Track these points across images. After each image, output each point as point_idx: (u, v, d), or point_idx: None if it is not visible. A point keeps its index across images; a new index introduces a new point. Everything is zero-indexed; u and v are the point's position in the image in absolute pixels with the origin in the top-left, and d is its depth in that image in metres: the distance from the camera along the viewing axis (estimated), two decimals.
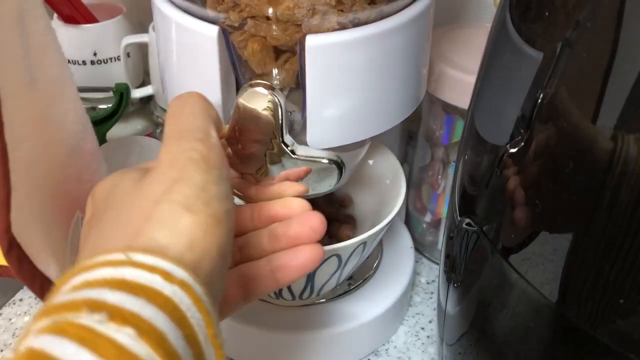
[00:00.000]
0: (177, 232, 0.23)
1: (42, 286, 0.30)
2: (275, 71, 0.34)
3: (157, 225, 0.23)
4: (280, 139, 0.34)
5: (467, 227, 0.33)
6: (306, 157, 0.35)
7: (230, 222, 0.25)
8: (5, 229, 0.26)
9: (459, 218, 0.34)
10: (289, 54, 0.34)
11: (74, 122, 0.31)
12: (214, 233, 0.24)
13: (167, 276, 0.21)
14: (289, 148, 0.34)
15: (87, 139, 0.33)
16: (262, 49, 0.33)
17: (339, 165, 0.36)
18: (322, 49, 0.32)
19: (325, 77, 0.33)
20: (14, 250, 0.27)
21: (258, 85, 0.33)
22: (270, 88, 0.33)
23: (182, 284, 0.21)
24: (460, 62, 0.48)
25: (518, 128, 0.28)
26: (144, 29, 0.65)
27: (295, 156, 0.35)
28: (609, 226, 0.24)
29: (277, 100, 0.33)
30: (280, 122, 0.33)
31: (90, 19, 0.63)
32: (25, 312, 0.52)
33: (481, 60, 0.33)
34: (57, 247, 0.31)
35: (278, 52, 0.34)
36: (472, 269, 0.35)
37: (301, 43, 0.32)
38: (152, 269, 0.21)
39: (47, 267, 0.30)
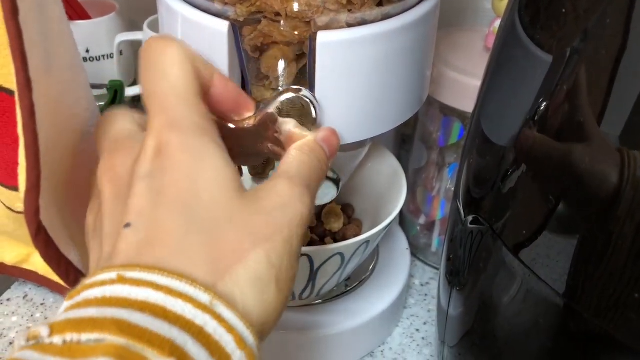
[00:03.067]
0: (262, 306, 0.22)
1: (67, 270, 0.30)
2: (281, 70, 0.34)
3: (248, 278, 0.22)
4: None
5: (473, 226, 0.34)
6: None
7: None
8: (35, 212, 0.26)
9: (464, 218, 0.35)
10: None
11: (86, 109, 0.31)
12: (281, 312, 0.23)
13: (239, 341, 0.20)
14: None
15: None
16: (282, 58, 0.33)
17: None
18: (334, 46, 0.32)
19: (334, 74, 0.33)
20: (42, 234, 0.27)
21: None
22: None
23: (249, 354, 0.21)
24: (458, 65, 0.48)
25: (526, 131, 0.29)
26: (136, 27, 0.65)
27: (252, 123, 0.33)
28: (622, 220, 0.24)
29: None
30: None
31: (83, 15, 0.62)
32: (13, 312, 0.51)
33: (488, 62, 0.34)
34: (74, 232, 0.30)
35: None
36: (477, 269, 0.35)
37: (312, 40, 0.32)
38: (230, 328, 0.20)
39: (69, 252, 0.29)
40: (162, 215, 0.22)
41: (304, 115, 0.32)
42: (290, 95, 0.31)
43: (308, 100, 0.31)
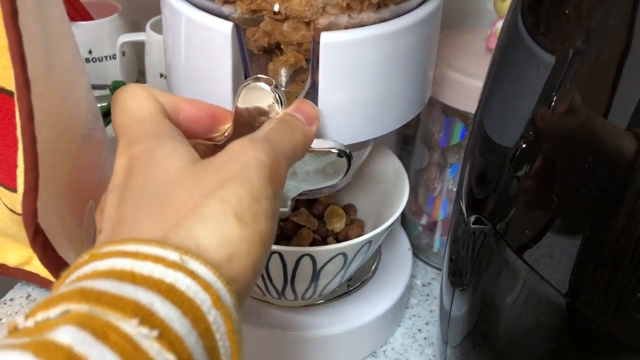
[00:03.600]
0: (221, 238, 0.22)
1: None
2: (284, 75, 0.34)
3: (200, 222, 0.22)
4: None
5: (476, 226, 0.34)
6: (311, 149, 0.34)
7: (271, 243, 0.24)
8: (32, 215, 0.26)
9: (467, 218, 0.35)
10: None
11: (86, 111, 0.31)
12: (255, 252, 0.23)
13: (216, 300, 0.20)
14: None
15: (98, 129, 0.32)
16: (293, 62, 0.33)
17: (348, 156, 0.35)
18: (337, 47, 0.32)
19: (337, 75, 0.33)
20: (39, 236, 0.27)
21: (259, 80, 0.32)
22: (271, 83, 0.33)
23: (225, 312, 0.20)
24: (460, 65, 0.48)
25: (529, 130, 0.29)
26: (138, 28, 0.65)
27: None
28: (626, 219, 0.24)
29: (278, 97, 0.32)
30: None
31: (85, 16, 0.62)
32: (16, 312, 0.51)
33: (490, 63, 0.34)
34: (72, 235, 0.30)
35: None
36: (479, 269, 0.35)
37: (315, 40, 0.32)
38: (207, 286, 0.20)
39: (68, 254, 0.29)
40: (122, 208, 0.24)
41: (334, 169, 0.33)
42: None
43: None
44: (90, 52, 0.62)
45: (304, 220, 0.46)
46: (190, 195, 0.23)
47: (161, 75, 0.60)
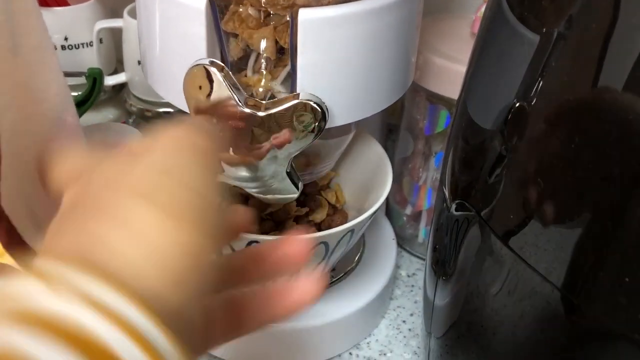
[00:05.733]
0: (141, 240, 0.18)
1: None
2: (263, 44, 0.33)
3: (112, 223, 0.18)
4: (240, 107, 0.32)
5: (459, 213, 0.33)
6: (279, 110, 0.32)
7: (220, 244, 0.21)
8: None
9: (450, 204, 0.34)
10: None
11: (56, 93, 0.30)
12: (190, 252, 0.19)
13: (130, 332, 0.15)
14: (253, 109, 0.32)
15: (69, 112, 0.31)
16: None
17: (320, 107, 0.33)
18: (316, 24, 0.30)
19: (316, 54, 0.32)
20: (3, 222, 0.26)
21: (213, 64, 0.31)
22: (221, 69, 0.31)
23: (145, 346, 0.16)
24: (445, 51, 0.48)
25: (514, 111, 0.28)
26: (116, 15, 0.63)
27: (264, 113, 0.32)
28: (614, 203, 0.23)
29: (214, 72, 0.31)
30: (230, 92, 0.31)
31: (61, 2, 0.61)
32: None
33: (474, 44, 0.33)
34: (42, 223, 0.29)
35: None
36: (463, 258, 0.34)
37: (293, 17, 0.30)
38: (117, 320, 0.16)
39: (35, 243, 0.28)
40: None
41: (307, 119, 0.31)
42: (294, 102, 0.30)
43: (314, 104, 0.30)
44: (66, 38, 0.61)
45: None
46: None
47: (139, 63, 0.58)
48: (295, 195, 0.37)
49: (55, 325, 0.15)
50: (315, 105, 0.31)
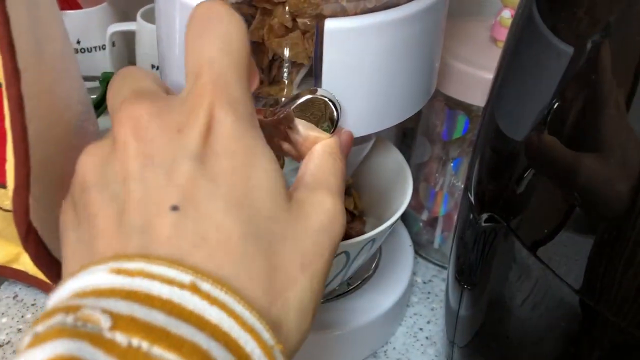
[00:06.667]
0: (300, 331, 0.20)
1: (59, 274, 0.28)
2: (286, 52, 0.32)
3: (294, 306, 0.20)
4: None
5: (487, 224, 0.32)
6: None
7: None
8: (24, 212, 0.24)
9: (477, 215, 0.33)
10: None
11: (78, 101, 0.29)
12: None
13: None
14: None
15: (90, 120, 0.31)
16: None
17: (333, 103, 0.32)
18: (342, 34, 0.30)
19: (342, 64, 0.31)
20: (32, 234, 0.25)
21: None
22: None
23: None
24: (464, 56, 0.47)
25: (545, 123, 0.27)
26: (128, 18, 0.63)
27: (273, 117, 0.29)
28: None
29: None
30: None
31: (73, 5, 0.60)
32: (2, 313, 0.49)
33: (501, 54, 0.32)
34: None
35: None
36: (490, 268, 0.33)
37: (319, 28, 0.30)
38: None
39: (60, 255, 0.28)
40: (216, 210, 0.19)
41: (320, 117, 0.30)
42: (308, 96, 0.28)
43: (328, 101, 0.29)
44: (78, 42, 0.60)
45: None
46: (293, 264, 0.20)
47: (153, 67, 0.58)
48: None
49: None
50: (320, 97, 0.30)
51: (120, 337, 0.15)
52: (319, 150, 0.25)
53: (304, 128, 0.27)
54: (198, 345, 0.16)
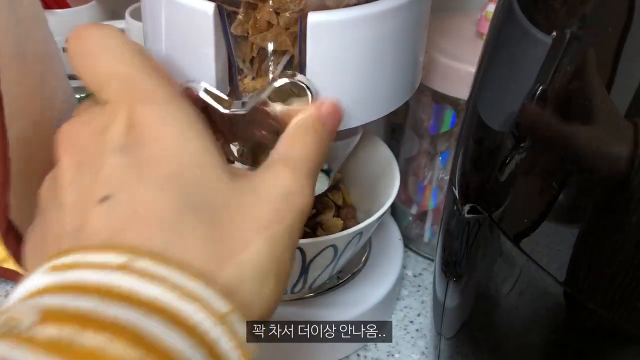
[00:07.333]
0: (261, 295, 0.20)
1: None
2: (270, 47, 0.32)
3: (249, 270, 0.20)
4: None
5: (470, 215, 0.32)
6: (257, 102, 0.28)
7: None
8: (3, 210, 0.24)
9: (461, 207, 0.33)
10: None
11: (62, 100, 0.29)
12: (272, 313, 0.22)
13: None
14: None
15: None
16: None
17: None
18: (326, 27, 0.30)
19: (326, 57, 0.31)
20: (12, 232, 0.25)
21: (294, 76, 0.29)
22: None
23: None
24: (450, 50, 0.47)
25: (525, 114, 0.28)
26: (116, 16, 0.63)
27: (244, 110, 0.28)
28: (629, 204, 0.23)
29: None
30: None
31: (62, 4, 0.60)
32: None
33: (484, 45, 0.32)
34: None
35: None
36: (474, 259, 0.34)
37: (302, 22, 0.30)
38: (245, 354, 0.19)
39: None
40: (146, 189, 0.19)
41: (298, 102, 0.30)
42: (285, 80, 0.28)
43: (304, 86, 0.28)
44: (67, 41, 0.60)
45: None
46: (242, 228, 0.20)
47: None
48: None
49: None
50: (298, 82, 0.29)
51: (48, 330, 0.15)
52: (292, 123, 0.25)
53: (282, 107, 0.26)
54: (130, 322, 0.16)
